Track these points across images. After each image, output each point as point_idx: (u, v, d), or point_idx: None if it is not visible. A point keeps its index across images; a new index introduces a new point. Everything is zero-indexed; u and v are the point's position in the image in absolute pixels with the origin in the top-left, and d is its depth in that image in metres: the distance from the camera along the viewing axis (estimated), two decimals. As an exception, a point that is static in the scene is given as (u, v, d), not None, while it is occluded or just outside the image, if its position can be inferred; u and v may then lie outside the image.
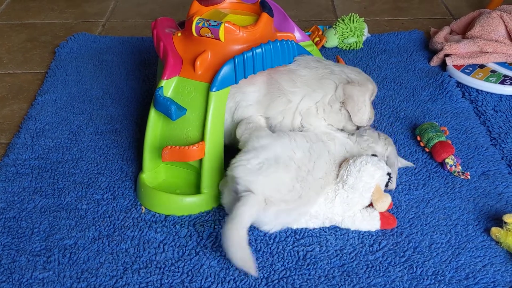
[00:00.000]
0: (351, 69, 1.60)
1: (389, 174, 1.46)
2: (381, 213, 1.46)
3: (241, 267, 1.33)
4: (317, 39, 2.25)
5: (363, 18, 2.29)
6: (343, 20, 2.27)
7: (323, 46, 2.27)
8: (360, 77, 1.58)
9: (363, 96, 1.55)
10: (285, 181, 1.39)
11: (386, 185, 1.47)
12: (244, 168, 1.38)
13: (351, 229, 1.47)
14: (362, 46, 2.30)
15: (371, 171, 1.43)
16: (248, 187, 1.36)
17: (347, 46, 2.28)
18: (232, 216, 1.33)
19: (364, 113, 1.56)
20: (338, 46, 2.29)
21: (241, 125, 1.53)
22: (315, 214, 1.45)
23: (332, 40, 2.27)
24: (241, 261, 1.32)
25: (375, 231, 1.47)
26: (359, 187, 1.43)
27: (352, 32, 2.26)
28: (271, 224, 1.41)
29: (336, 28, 2.27)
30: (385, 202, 1.44)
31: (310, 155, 1.44)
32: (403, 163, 1.65)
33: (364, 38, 2.30)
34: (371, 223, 1.46)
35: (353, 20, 2.26)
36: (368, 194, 1.44)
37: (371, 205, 1.46)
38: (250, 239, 1.44)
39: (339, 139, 1.55)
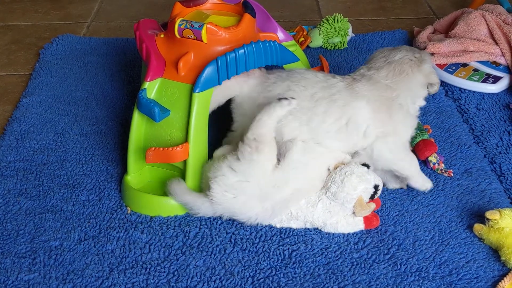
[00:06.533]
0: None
1: (376, 187, 1.45)
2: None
3: None
4: (301, 39, 2.26)
5: (347, 18, 2.30)
6: (327, 20, 2.28)
7: (307, 46, 2.28)
8: None
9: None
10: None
11: (372, 197, 1.46)
12: (222, 194, 1.42)
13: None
14: (347, 46, 2.31)
15: (355, 183, 1.43)
16: (215, 206, 1.44)
17: (331, 46, 2.29)
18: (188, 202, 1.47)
19: None
20: (323, 46, 2.30)
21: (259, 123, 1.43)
22: (296, 215, 1.46)
23: (317, 40, 2.28)
24: None
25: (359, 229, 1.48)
26: (341, 197, 1.43)
27: (336, 32, 2.27)
28: None
29: (320, 28, 2.28)
30: (367, 213, 1.45)
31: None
32: None
33: (348, 38, 2.31)
34: (355, 228, 1.47)
35: (337, 20, 2.27)
36: (349, 205, 1.44)
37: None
38: (236, 238, 1.45)
39: None
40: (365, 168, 1.46)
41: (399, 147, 1.52)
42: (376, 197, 1.46)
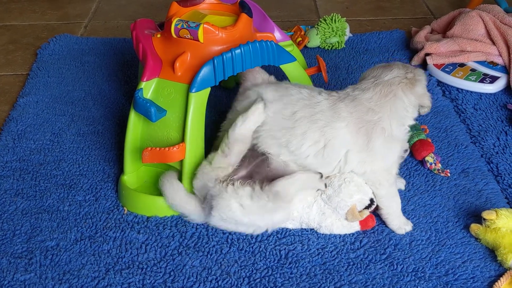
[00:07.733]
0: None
1: (371, 200, 1.44)
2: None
3: None
4: (299, 39, 2.26)
5: (345, 18, 2.30)
6: (325, 20, 2.28)
7: (305, 46, 2.28)
8: None
9: None
10: None
11: (367, 208, 1.45)
12: (219, 219, 1.43)
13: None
14: (344, 46, 2.31)
15: (352, 191, 1.42)
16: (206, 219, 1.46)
17: (329, 46, 2.29)
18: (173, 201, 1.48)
19: None
20: (320, 46, 2.30)
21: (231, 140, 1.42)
22: (292, 216, 1.46)
23: (314, 40, 2.28)
24: None
25: (356, 229, 1.48)
26: (335, 202, 1.43)
27: (334, 32, 2.27)
28: None
29: (318, 28, 2.28)
30: (358, 220, 1.45)
31: None
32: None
33: (346, 38, 2.31)
34: (350, 230, 1.47)
35: (335, 20, 2.27)
36: (342, 211, 1.43)
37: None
38: (232, 238, 1.45)
39: None
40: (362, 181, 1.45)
41: (379, 172, 1.43)
42: (370, 209, 1.45)
